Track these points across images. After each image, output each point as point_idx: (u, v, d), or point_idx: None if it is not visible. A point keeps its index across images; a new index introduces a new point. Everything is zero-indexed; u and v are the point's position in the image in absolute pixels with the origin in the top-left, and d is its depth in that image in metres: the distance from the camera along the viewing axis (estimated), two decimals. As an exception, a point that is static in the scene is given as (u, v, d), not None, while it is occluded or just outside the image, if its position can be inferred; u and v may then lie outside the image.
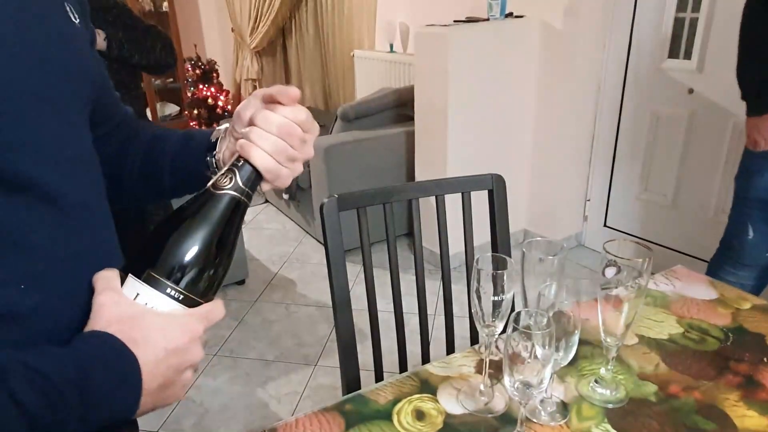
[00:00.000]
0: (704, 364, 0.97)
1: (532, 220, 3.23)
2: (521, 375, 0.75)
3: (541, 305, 0.81)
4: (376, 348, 1.23)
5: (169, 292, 0.55)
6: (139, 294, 0.55)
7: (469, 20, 2.80)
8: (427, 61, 2.73)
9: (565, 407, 0.88)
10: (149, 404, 0.54)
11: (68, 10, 0.61)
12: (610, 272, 0.84)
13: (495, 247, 1.30)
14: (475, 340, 1.28)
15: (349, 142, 3.05)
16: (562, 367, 0.86)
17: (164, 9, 4.95)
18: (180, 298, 0.55)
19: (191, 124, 5.01)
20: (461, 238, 1.27)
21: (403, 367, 1.27)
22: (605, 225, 3.14)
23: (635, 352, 1.01)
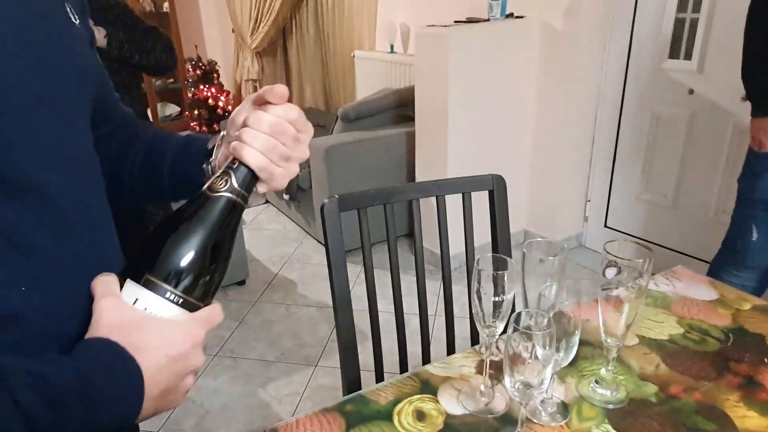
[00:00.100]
0: (705, 364, 0.97)
1: (533, 220, 3.23)
2: (522, 375, 0.75)
3: (542, 306, 0.81)
4: (377, 348, 1.23)
5: (168, 296, 0.55)
6: (138, 299, 0.54)
7: (470, 21, 2.81)
8: (427, 62, 2.73)
9: (565, 408, 0.88)
10: (150, 410, 0.54)
11: (68, 10, 0.61)
12: (610, 273, 0.84)
13: (495, 248, 1.30)
14: (475, 340, 1.28)
15: (350, 142, 3.05)
16: (562, 368, 0.86)
17: (165, 9, 4.95)
18: (179, 302, 0.55)
19: (192, 124, 5.01)
20: (462, 238, 1.27)
21: (403, 367, 1.27)
22: (605, 225, 3.14)
23: (636, 353, 1.01)
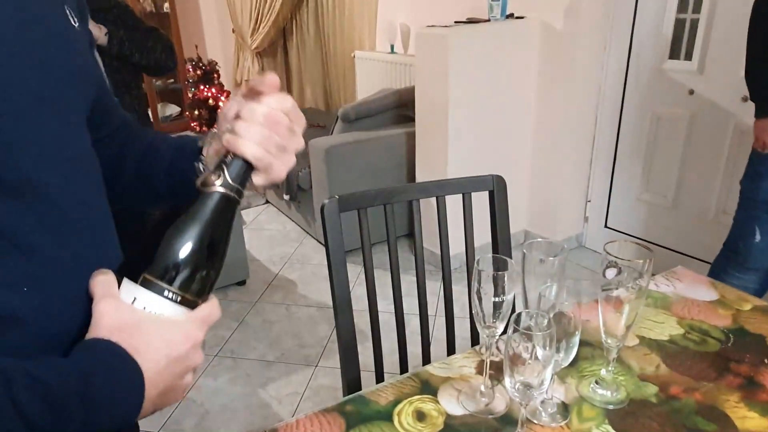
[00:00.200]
0: (705, 365, 0.97)
1: (533, 220, 3.23)
2: (522, 376, 0.75)
3: (542, 306, 0.81)
4: (377, 349, 1.23)
5: (166, 294, 0.55)
6: (137, 298, 0.54)
7: (470, 21, 2.81)
8: (427, 62, 2.73)
9: (565, 408, 0.88)
10: (150, 409, 0.54)
11: (68, 12, 0.61)
12: (610, 273, 0.84)
13: (496, 248, 1.30)
14: (475, 341, 1.28)
15: (350, 142, 3.05)
16: (562, 368, 0.86)
17: (165, 10, 4.96)
18: (177, 300, 0.55)
19: (192, 125, 5.01)
20: (462, 238, 1.27)
21: (403, 367, 1.27)
22: (606, 226, 3.13)
23: (636, 354, 1.01)
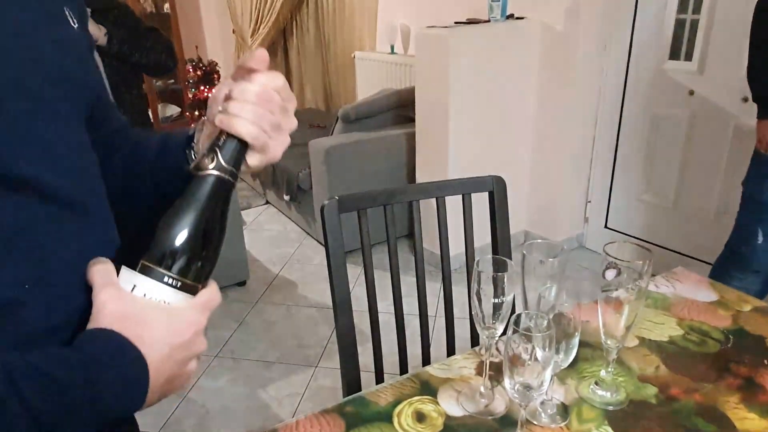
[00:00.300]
0: (705, 366, 0.97)
1: (533, 221, 3.23)
2: (521, 377, 0.75)
3: (542, 307, 0.81)
4: (377, 349, 1.23)
5: (166, 280, 0.54)
6: (136, 285, 0.54)
7: (470, 22, 2.81)
8: (427, 63, 2.74)
9: (565, 409, 0.88)
10: (155, 398, 0.54)
11: (67, 13, 0.61)
12: (610, 274, 0.84)
13: (495, 249, 1.30)
14: (475, 341, 1.28)
15: (350, 143, 3.05)
16: (562, 369, 0.86)
17: (166, 10, 4.95)
18: (177, 286, 0.55)
19: (192, 125, 5.00)
20: (462, 239, 1.27)
21: (403, 368, 1.27)
22: (606, 226, 3.13)
23: (635, 354, 1.01)
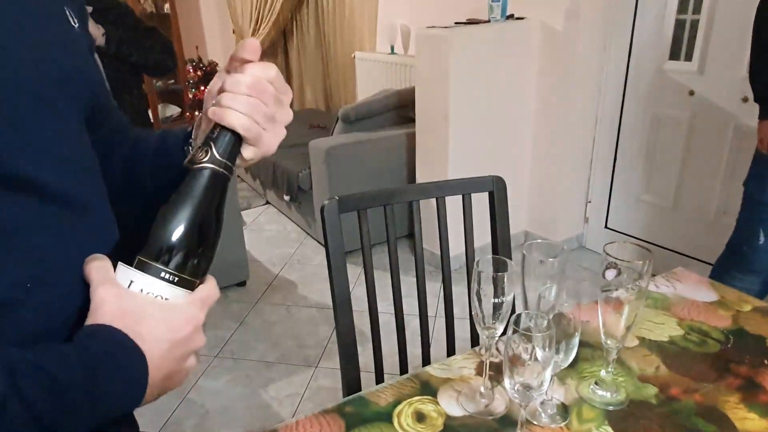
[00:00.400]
0: (705, 366, 0.97)
1: (533, 221, 3.23)
2: (521, 377, 0.75)
3: (542, 307, 0.81)
4: (377, 349, 1.23)
5: (163, 276, 0.54)
6: (133, 281, 0.54)
7: (470, 22, 2.81)
8: (428, 63, 2.74)
9: (565, 409, 0.88)
10: (154, 394, 0.54)
11: (68, 14, 0.61)
12: (610, 274, 0.84)
13: (495, 249, 1.30)
14: (475, 342, 1.28)
15: (350, 143, 3.05)
16: (562, 369, 0.86)
17: (166, 11, 4.96)
18: (174, 281, 0.55)
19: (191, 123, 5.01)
20: (462, 239, 1.27)
21: (403, 368, 1.27)
22: (606, 227, 3.13)
23: (636, 354, 1.01)
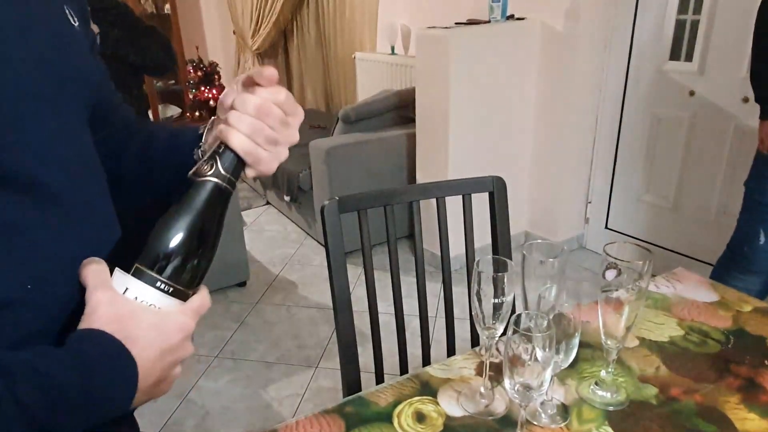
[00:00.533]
0: (705, 366, 0.97)
1: (533, 222, 3.23)
2: (521, 377, 0.75)
3: (542, 307, 0.81)
4: (377, 350, 1.23)
5: (158, 285, 0.55)
6: (129, 288, 0.54)
7: (471, 22, 2.81)
8: (428, 63, 2.74)
9: (565, 410, 0.88)
10: (142, 400, 0.55)
11: (68, 12, 0.61)
12: (610, 274, 0.84)
13: (496, 250, 1.30)
14: (475, 342, 1.28)
15: (351, 144, 3.05)
16: (562, 370, 0.86)
17: (166, 11, 4.96)
18: (169, 291, 0.55)
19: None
20: (462, 240, 1.27)
21: (403, 369, 1.27)
22: (606, 227, 3.13)
23: (636, 355, 1.01)
